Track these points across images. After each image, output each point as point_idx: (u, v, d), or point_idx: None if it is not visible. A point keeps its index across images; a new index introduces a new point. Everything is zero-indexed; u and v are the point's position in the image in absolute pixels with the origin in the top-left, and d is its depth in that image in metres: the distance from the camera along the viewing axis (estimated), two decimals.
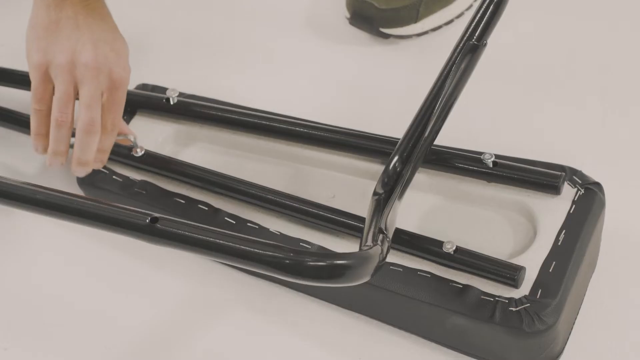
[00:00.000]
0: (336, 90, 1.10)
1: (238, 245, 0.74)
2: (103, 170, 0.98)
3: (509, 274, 0.82)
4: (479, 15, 0.88)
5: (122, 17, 1.13)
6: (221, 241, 0.74)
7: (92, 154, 0.89)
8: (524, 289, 0.82)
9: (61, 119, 0.88)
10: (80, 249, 0.97)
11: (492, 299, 0.82)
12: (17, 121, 1.03)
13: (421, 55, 1.12)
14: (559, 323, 0.80)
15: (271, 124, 0.97)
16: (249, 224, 0.91)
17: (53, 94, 0.88)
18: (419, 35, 1.13)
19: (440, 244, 0.84)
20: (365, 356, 0.88)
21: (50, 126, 0.88)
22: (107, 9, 0.92)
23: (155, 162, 0.96)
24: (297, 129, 0.96)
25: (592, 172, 0.88)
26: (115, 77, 0.88)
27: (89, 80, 0.87)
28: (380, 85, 1.10)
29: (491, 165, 0.88)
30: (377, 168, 0.91)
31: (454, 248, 0.84)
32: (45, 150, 0.90)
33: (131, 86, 1.04)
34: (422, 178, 0.91)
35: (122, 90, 0.89)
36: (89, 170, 0.91)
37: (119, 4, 1.18)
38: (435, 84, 0.87)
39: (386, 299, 0.85)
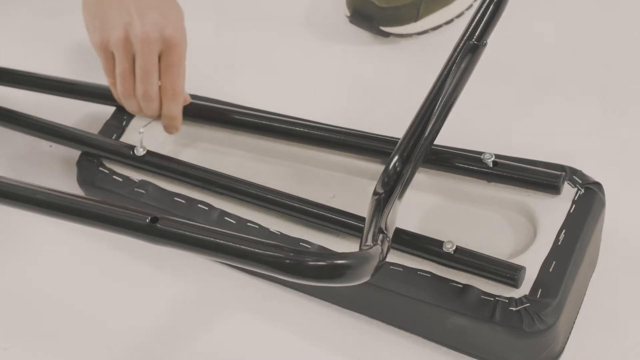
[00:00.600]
0: (336, 89, 1.10)
1: (238, 245, 0.74)
2: (103, 170, 0.98)
3: (509, 273, 0.82)
4: (479, 15, 0.88)
5: None
6: (221, 241, 0.74)
7: (155, 112, 0.93)
8: (524, 288, 0.82)
9: (124, 93, 0.92)
10: (80, 249, 0.97)
11: (492, 299, 0.81)
12: (17, 121, 1.03)
13: (421, 54, 1.12)
14: (559, 323, 0.80)
15: (271, 123, 0.97)
16: (249, 224, 0.91)
17: None
18: (419, 34, 1.13)
19: (440, 243, 0.84)
20: (365, 356, 0.88)
21: (120, 96, 0.93)
22: None
23: (155, 162, 0.96)
24: (297, 128, 0.96)
25: (592, 172, 0.88)
26: (167, 38, 0.89)
27: (141, 53, 0.89)
28: (380, 83, 1.10)
29: (491, 165, 0.88)
30: (377, 168, 0.91)
31: (454, 248, 0.84)
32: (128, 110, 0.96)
33: None
34: (422, 178, 0.91)
35: (175, 52, 0.90)
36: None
37: None
38: (436, 83, 0.87)
39: (386, 298, 0.85)
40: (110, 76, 0.93)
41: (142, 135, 0.96)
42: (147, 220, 0.76)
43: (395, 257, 0.86)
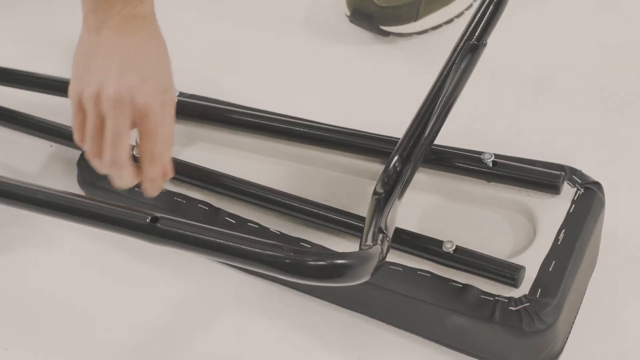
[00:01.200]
0: (336, 89, 1.10)
1: (238, 245, 0.74)
2: None
3: (508, 273, 0.82)
4: (479, 15, 0.88)
5: None
6: (221, 241, 0.74)
7: (129, 182, 0.83)
8: (524, 288, 0.82)
9: (91, 153, 0.83)
10: (80, 249, 0.97)
11: (491, 299, 0.81)
12: (17, 121, 1.03)
13: (421, 53, 1.12)
14: (559, 322, 0.80)
15: (271, 123, 0.97)
16: (249, 224, 0.91)
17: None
18: (419, 33, 1.13)
19: (440, 243, 0.84)
20: (366, 355, 0.88)
21: (87, 156, 0.84)
22: (154, 22, 0.86)
23: None
24: (297, 128, 0.96)
25: (592, 172, 0.88)
26: (139, 105, 0.81)
27: (110, 115, 0.81)
28: (380, 83, 1.10)
29: (491, 165, 0.88)
30: (377, 167, 0.91)
31: (454, 247, 0.84)
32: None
33: None
34: (422, 178, 0.91)
35: (149, 119, 0.81)
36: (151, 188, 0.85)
37: None
38: (435, 83, 0.87)
39: (386, 298, 0.85)
40: (78, 130, 0.84)
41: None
42: (148, 220, 0.76)
43: (395, 257, 0.86)
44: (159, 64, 0.85)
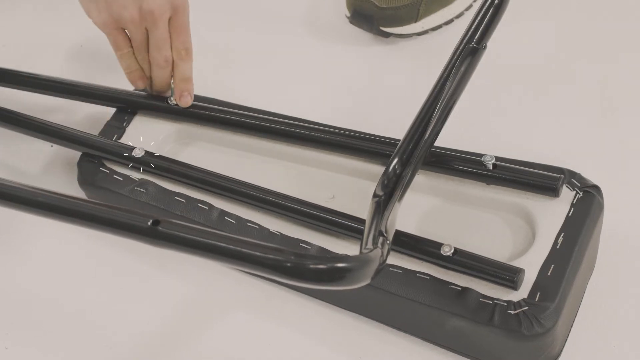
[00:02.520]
0: (336, 90, 1.10)
1: (240, 249, 0.73)
2: (104, 170, 0.98)
3: (508, 275, 0.82)
4: (479, 17, 0.88)
5: None
6: (223, 244, 0.74)
7: (169, 79, 1.01)
8: (523, 291, 0.82)
9: (143, 60, 1.00)
10: (81, 250, 0.97)
11: (491, 302, 0.82)
12: (17, 121, 1.03)
13: (421, 54, 1.12)
14: (558, 326, 0.81)
15: (271, 125, 0.97)
16: (249, 224, 0.92)
17: (128, 36, 0.99)
18: (419, 34, 1.13)
19: (439, 245, 0.84)
20: (366, 356, 0.88)
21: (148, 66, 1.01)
22: None
23: (155, 164, 0.96)
24: (297, 130, 0.96)
25: (591, 175, 0.88)
26: (175, 5, 0.96)
27: (155, 25, 0.96)
28: (380, 84, 1.10)
29: (491, 168, 0.88)
30: (378, 169, 0.92)
31: (453, 250, 0.84)
32: (143, 83, 1.02)
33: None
34: (422, 180, 0.91)
35: (182, 14, 0.97)
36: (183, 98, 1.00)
37: None
38: (435, 86, 0.87)
39: (385, 300, 0.86)
40: (120, 49, 0.99)
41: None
42: (149, 223, 0.76)
43: (394, 259, 0.86)
44: None
